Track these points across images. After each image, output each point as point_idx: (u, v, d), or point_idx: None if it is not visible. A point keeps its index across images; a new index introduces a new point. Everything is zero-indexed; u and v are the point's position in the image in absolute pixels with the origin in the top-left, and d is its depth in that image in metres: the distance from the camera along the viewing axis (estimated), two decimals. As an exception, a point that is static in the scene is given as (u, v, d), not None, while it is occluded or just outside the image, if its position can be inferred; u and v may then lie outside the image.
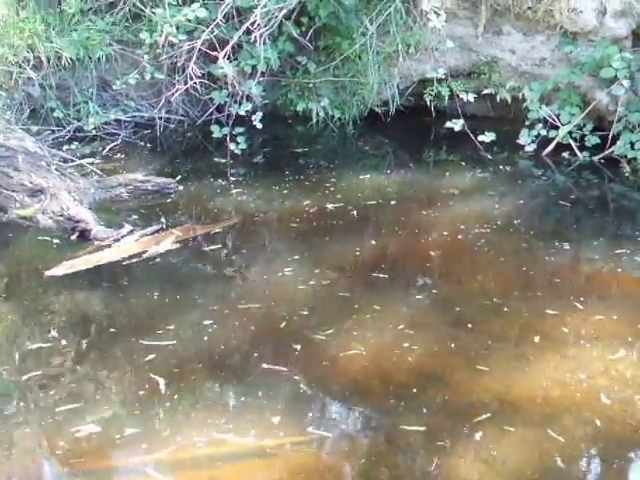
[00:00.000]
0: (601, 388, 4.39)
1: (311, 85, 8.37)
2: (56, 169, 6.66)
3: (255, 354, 4.68)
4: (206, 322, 4.93)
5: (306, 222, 6.37)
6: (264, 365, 4.57)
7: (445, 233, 6.18)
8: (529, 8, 7.88)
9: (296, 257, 5.75)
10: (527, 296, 5.32)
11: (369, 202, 6.75)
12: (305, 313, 5.07)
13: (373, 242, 6.13)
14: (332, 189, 7.00)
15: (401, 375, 4.52)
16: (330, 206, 6.63)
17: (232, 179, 7.21)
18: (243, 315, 5.03)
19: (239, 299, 5.22)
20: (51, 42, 7.65)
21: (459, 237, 6.12)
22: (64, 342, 4.77)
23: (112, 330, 4.91)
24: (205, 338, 4.81)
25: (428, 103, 8.23)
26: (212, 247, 5.95)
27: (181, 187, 6.93)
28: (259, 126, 7.78)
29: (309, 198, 6.76)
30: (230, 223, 6.39)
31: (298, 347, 4.72)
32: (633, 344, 4.78)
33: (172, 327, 4.88)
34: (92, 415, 4.17)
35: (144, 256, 5.79)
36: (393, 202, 6.77)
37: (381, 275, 5.55)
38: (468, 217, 6.47)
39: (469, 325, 4.97)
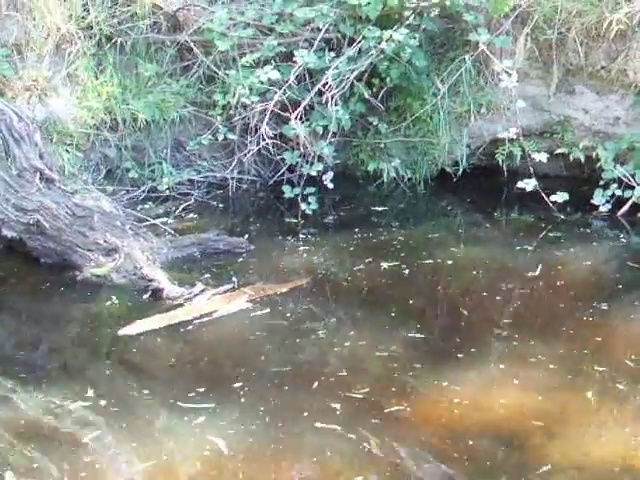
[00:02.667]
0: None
1: (382, 145, 8.38)
2: (130, 229, 6.76)
3: (304, 414, 4.67)
4: (236, 385, 4.96)
5: (357, 281, 6.44)
6: (317, 424, 4.57)
7: (489, 293, 6.17)
8: (602, 67, 7.83)
9: (333, 320, 5.83)
10: (573, 354, 5.31)
11: (425, 261, 6.75)
12: (338, 374, 5.08)
13: (411, 302, 6.10)
14: (398, 247, 7.01)
15: (458, 432, 4.51)
16: (385, 265, 6.63)
17: (302, 239, 7.23)
18: (275, 377, 5.07)
19: (269, 362, 5.26)
20: (127, 104, 7.82)
21: (503, 296, 6.13)
22: (126, 402, 4.84)
23: (171, 391, 4.96)
24: (242, 400, 4.83)
25: (500, 163, 8.17)
26: (264, 310, 5.92)
27: (252, 246, 6.95)
28: (330, 186, 7.82)
29: (371, 257, 6.78)
30: (299, 284, 6.39)
31: (337, 406, 4.73)
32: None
33: (221, 388, 4.95)
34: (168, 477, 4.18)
35: (215, 315, 5.82)
36: (450, 261, 6.76)
37: (418, 335, 5.55)
38: (524, 277, 6.46)
39: (515, 381, 4.97)
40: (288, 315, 5.92)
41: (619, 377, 5.01)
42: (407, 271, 6.56)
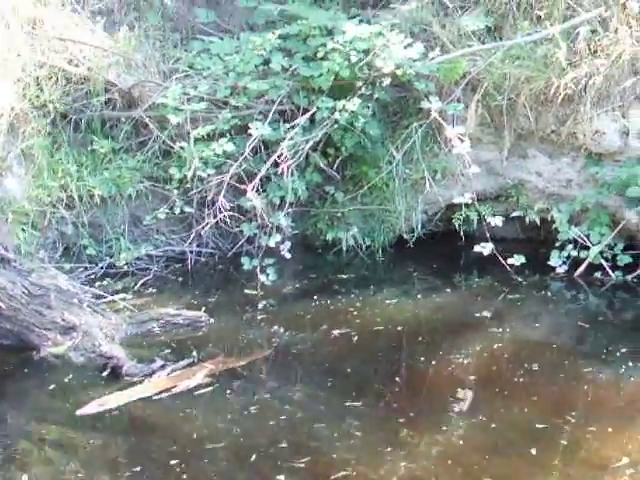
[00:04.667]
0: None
1: (340, 214, 8.44)
2: (88, 306, 6.71)
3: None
4: (172, 462, 4.91)
5: (308, 351, 6.48)
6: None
7: (429, 358, 6.20)
8: (553, 131, 7.96)
9: (267, 396, 5.75)
10: (514, 413, 5.38)
11: (376, 328, 6.80)
12: (276, 445, 5.05)
13: (349, 370, 6.12)
14: (355, 314, 7.05)
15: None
16: (336, 332, 6.69)
17: (262, 310, 7.21)
18: (209, 453, 5.01)
19: (203, 438, 5.19)
20: (83, 181, 7.82)
21: (446, 361, 6.16)
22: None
23: (110, 472, 4.91)
24: (184, 477, 4.77)
25: (457, 228, 8.24)
26: (216, 385, 5.88)
27: (212, 320, 6.92)
28: (288, 256, 7.81)
29: (326, 325, 6.81)
30: (257, 356, 6.40)
31: (282, 477, 4.70)
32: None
33: (154, 467, 4.90)
34: None
35: (174, 391, 5.77)
36: (400, 327, 6.81)
37: (355, 403, 5.56)
38: (473, 340, 6.56)
39: (460, 442, 5.05)
40: (236, 390, 5.87)
41: (561, 433, 5.10)
42: (356, 338, 6.60)
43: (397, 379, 5.96)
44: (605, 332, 6.71)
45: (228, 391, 5.83)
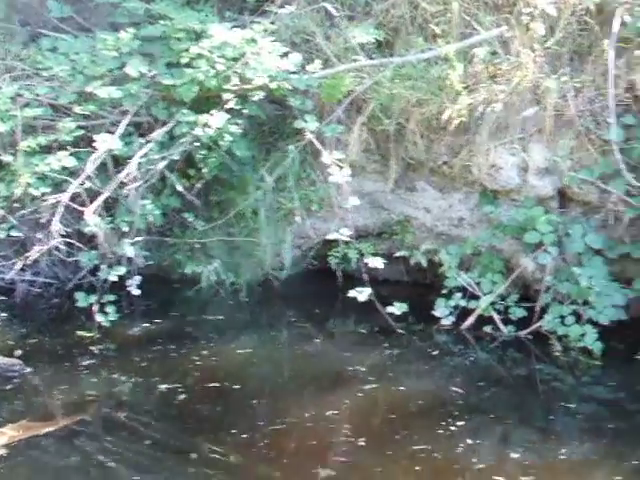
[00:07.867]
0: None
1: (200, 245, 7.35)
2: None
3: None
4: None
5: (121, 414, 5.49)
6: None
7: (239, 432, 5.26)
8: (445, 163, 7.05)
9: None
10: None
11: (212, 384, 5.82)
12: None
13: (150, 442, 5.13)
14: (197, 364, 6.11)
15: None
16: (162, 387, 5.74)
17: (93, 357, 6.13)
18: None
19: None
20: None
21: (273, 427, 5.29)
22: None
23: None
24: None
25: (334, 266, 7.27)
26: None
27: (29, 369, 5.83)
28: (136, 292, 6.73)
29: (159, 377, 5.88)
30: (68, 421, 5.28)
31: None
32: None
33: None
34: None
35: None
36: (238, 386, 5.83)
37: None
38: (322, 403, 5.66)
39: None
40: (22, 468, 4.82)
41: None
42: (182, 397, 5.64)
43: (195, 456, 4.96)
44: (481, 399, 5.83)
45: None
